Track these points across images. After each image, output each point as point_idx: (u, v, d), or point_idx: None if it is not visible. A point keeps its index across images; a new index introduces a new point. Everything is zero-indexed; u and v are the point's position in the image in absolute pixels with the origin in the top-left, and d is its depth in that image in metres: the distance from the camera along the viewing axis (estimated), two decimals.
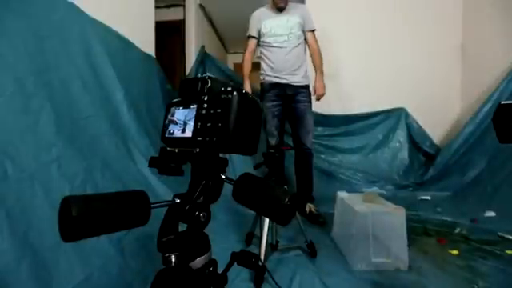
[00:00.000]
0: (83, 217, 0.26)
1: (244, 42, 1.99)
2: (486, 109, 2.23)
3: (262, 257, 1.12)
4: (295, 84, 1.84)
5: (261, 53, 1.94)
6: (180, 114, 0.37)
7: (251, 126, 0.33)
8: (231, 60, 5.49)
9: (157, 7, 2.33)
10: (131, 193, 0.31)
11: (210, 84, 0.34)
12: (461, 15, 2.76)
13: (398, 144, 2.76)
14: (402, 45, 2.85)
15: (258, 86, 2.02)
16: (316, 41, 1.90)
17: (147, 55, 2.08)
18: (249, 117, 0.32)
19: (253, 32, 1.92)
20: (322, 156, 2.74)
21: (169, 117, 0.39)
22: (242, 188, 0.32)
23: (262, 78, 1.94)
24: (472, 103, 2.53)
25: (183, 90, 0.37)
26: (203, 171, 0.35)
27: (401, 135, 2.76)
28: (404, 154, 2.74)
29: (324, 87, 1.87)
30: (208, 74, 0.36)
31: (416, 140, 2.71)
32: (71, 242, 0.26)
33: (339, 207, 1.50)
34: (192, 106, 0.35)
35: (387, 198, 1.44)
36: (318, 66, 1.88)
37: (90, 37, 1.38)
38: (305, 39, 1.90)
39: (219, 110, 0.31)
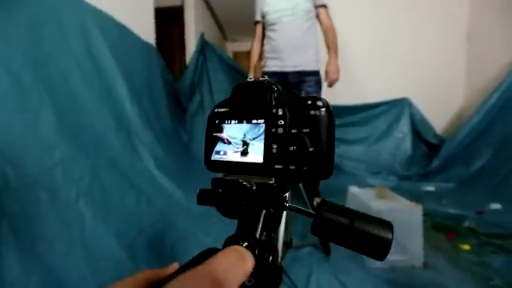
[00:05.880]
0: None
1: (243, 29, 1.86)
2: (492, 99, 2.19)
3: (280, 257, 1.09)
4: (300, 69, 1.60)
5: (265, 36, 1.72)
6: (234, 129, 0.28)
7: (334, 145, 0.28)
8: (230, 48, 5.30)
9: None
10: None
11: (276, 93, 0.27)
12: (468, 3, 2.69)
13: (401, 135, 2.74)
14: (406, 34, 2.77)
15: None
16: (329, 17, 1.64)
17: (147, 44, 1.96)
18: (333, 135, 0.27)
19: (257, 16, 1.70)
20: None
21: (213, 133, 0.30)
22: (327, 222, 0.25)
23: (263, 63, 1.72)
24: (476, 93, 2.50)
25: (239, 97, 0.28)
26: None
27: (404, 125, 2.74)
28: (407, 145, 2.73)
29: (338, 71, 1.60)
30: (267, 77, 0.28)
31: (419, 130, 2.69)
32: None
33: (351, 203, 1.48)
34: (256, 121, 0.27)
35: (391, 189, 1.43)
36: (332, 46, 1.62)
37: (88, 24, 1.26)
38: (316, 16, 1.65)
39: (307, 130, 0.25)
